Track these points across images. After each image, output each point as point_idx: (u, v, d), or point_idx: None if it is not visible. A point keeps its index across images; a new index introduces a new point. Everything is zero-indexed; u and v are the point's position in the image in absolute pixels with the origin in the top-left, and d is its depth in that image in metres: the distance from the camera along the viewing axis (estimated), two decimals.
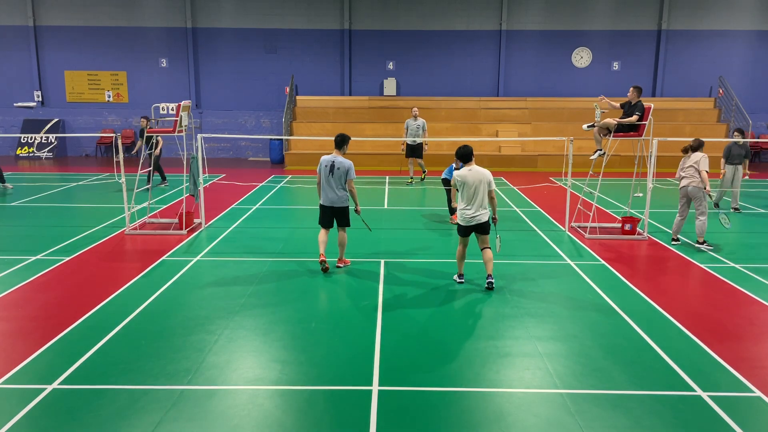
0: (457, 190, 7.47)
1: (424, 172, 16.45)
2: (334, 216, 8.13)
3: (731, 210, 12.97)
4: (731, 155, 12.80)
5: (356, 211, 8.30)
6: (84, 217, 11.84)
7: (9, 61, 23.12)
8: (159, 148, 15.04)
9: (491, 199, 7.39)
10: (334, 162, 7.92)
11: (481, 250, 7.57)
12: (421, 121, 15.78)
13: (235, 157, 23.63)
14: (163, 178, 15.77)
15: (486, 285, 7.54)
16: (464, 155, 7.37)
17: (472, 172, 7.29)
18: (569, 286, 7.78)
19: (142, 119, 14.31)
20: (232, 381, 5.19)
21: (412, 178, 16.62)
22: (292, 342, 5.99)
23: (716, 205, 13.10)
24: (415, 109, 16.01)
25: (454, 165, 11.25)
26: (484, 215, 7.31)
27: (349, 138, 8.15)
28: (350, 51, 23.13)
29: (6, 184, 14.91)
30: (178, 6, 22.85)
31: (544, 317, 6.68)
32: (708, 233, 10.76)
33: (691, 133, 20.91)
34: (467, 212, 7.33)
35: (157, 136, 14.32)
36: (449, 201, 11.52)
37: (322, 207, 8.16)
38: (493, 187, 7.34)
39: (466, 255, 7.74)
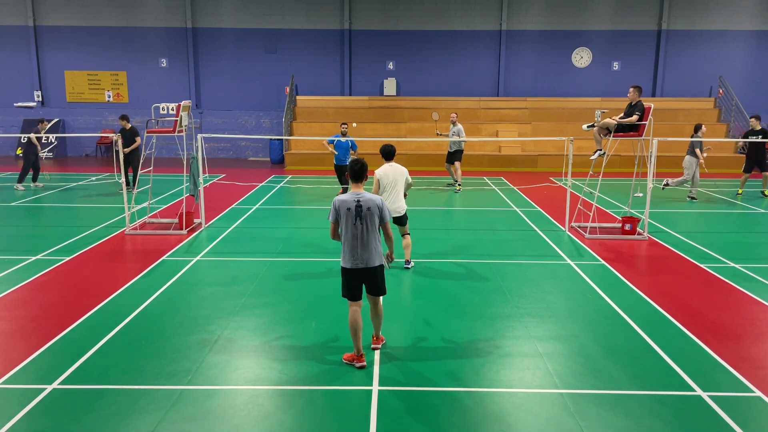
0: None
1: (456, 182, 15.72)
2: (366, 281, 5.51)
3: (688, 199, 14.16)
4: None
5: (388, 258, 5.77)
6: (84, 217, 11.83)
7: (9, 61, 23.12)
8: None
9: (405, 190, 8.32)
10: (360, 202, 5.29)
11: (402, 236, 8.50)
12: (458, 126, 14.97)
13: (235, 157, 23.63)
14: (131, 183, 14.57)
15: (404, 266, 8.47)
16: (388, 153, 8.17)
17: (393, 168, 8.10)
18: (569, 286, 7.78)
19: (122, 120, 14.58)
20: (232, 381, 5.19)
21: (459, 184, 15.59)
22: (292, 342, 5.99)
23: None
24: (453, 114, 15.22)
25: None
26: (401, 208, 8.19)
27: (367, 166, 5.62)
28: (350, 51, 23.12)
29: (37, 183, 15.51)
30: (178, 6, 22.85)
31: (544, 317, 6.68)
32: (708, 233, 10.79)
33: (691, 133, 20.85)
34: (390, 206, 7.91)
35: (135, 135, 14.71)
36: None
37: (348, 272, 5.43)
38: (410, 181, 8.25)
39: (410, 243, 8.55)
